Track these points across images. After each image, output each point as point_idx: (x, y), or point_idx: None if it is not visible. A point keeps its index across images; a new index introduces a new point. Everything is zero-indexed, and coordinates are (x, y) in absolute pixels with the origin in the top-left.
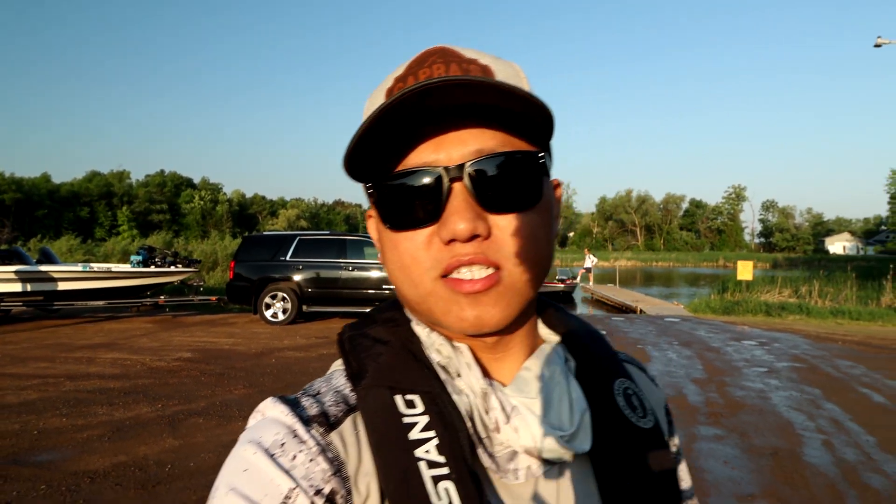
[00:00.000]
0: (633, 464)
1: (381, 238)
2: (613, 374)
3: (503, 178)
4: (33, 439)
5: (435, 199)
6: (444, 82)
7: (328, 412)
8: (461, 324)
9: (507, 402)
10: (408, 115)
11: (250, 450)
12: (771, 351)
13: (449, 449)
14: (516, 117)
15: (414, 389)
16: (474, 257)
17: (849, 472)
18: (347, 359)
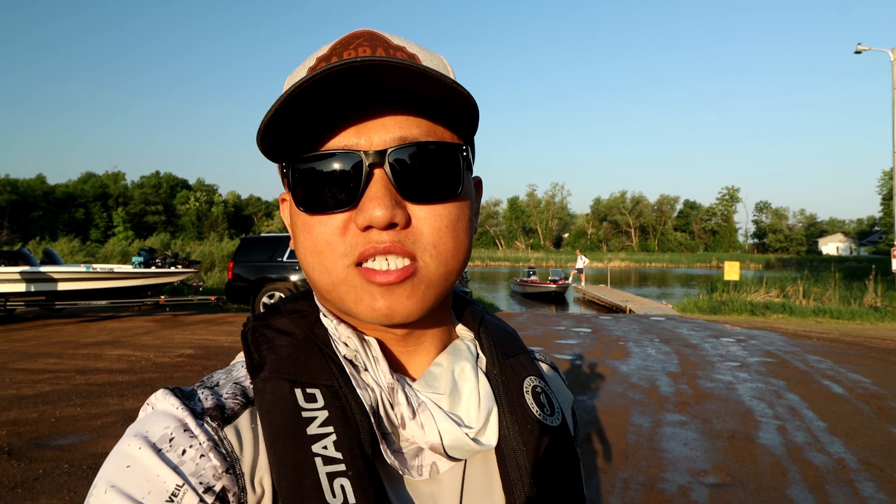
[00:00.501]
0: (538, 460)
1: (294, 222)
2: (524, 372)
3: (425, 168)
4: (52, 426)
5: (353, 184)
6: (369, 62)
7: (224, 405)
8: (372, 314)
9: (413, 398)
10: (329, 94)
11: (135, 444)
12: (746, 347)
13: (347, 445)
14: (440, 107)
15: (315, 383)
16: (390, 246)
17: (795, 451)
18: (249, 350)
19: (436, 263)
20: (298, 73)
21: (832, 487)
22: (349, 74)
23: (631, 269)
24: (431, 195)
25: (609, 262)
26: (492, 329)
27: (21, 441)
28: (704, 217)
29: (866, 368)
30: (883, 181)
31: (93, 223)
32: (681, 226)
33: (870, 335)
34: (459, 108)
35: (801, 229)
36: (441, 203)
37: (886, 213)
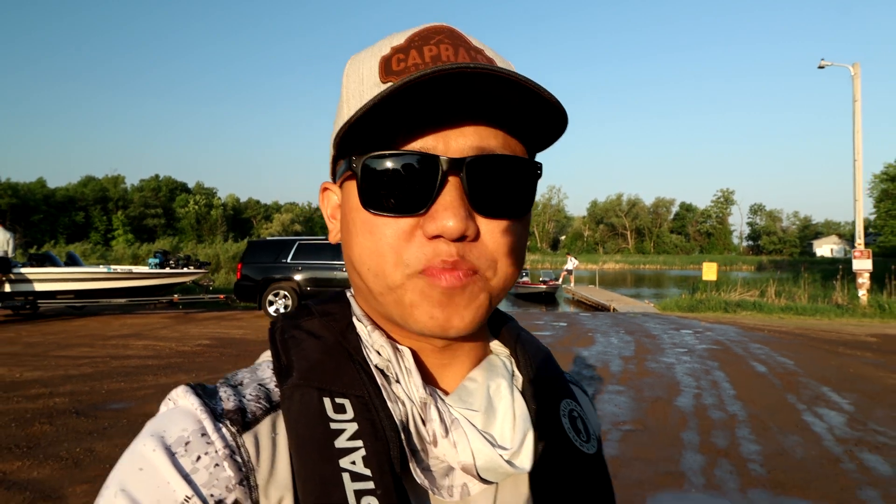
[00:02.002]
0: (573, 489)
1: (351, 218)
2: (560, 394)
3: (500, 182)
4: (103, 396)
5: (427, 189)
6: (483, 70)
7: (246, 408)
8: (430, 322)
9: (447, 414)
10: (420, 94)
11: (150, 445)
12: (700, 337)
13: (376, 461)
14: (519, 120)
15: (345, 393)
16: (458, 260)
17: (700, 410)
18: (277, 351)
19: (496, 281)
20: (367, 60)
21: (717, 431)
22: (448, 78)
23: (626, 271)
24: (503, 211)
25: (603, 264)
26: (528, 346)
27: (82, 405)
28: (700, 219)
29: (797, 354)
30: (874, 184)
31: (93, 226)
32: (677, 228)
33: (820, 328)
34: (545, 125)
35: (794, 231)
36: (510, 220)
37: (878, 216)
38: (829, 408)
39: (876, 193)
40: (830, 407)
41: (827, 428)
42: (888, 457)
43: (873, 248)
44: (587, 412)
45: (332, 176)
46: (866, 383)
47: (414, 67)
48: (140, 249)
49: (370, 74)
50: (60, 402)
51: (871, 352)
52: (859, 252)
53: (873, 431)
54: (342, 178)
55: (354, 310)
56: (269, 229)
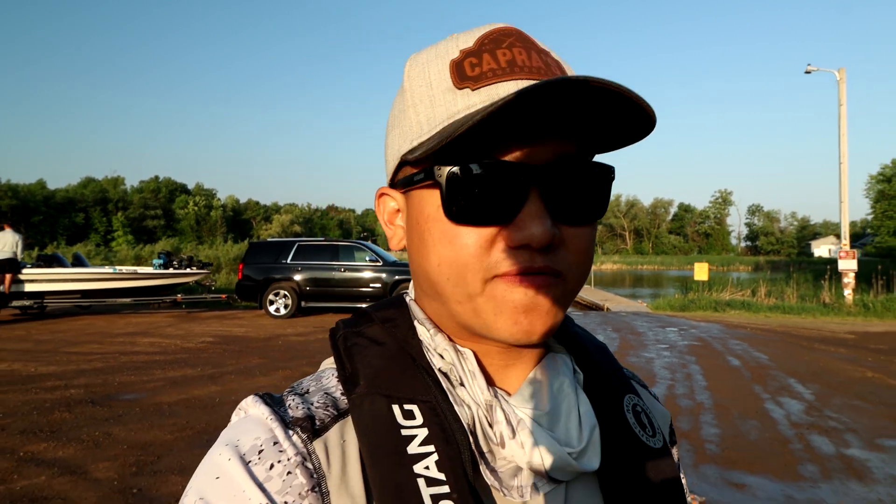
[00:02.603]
0: (643, 485)
1: (427, 227)
2: (622, 390)
3: (580, 189)
4: (116, 387)
5: (511, 199)
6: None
7: (315, 416)
8: (514, 328)
9: (512, 415)
10: (516, 105)
11: (226, 454)
12: (683, 334)
13: (450, 465)
14: (600, 129)
15: (413, 399)
16: (543, 268)
17: (670, 398)
18: (341, 359)
19: (573, 286)
20: (434, 62)
21: (682, 416)
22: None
23: (624, 272)
24: (583, 217)
25: (601, 265)
26: (586, 342)
27: (97, 396)
28: (698, 220)
29: (773, 350)
30: (870, 185)
31: (93, 228)
32: (675, 229)
33: (802, 326)
34: (625, 131)
35: (792, 232)
36: (587, 226)
37: (875, 217)
38: (790, 397)
39: (872, 194)
40: (792, 396)
41: (784, 414)
42: (834, 439)
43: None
44: (650, 405)
45: (390, 182)
46: (832, 376)
47: (491, 73)
48: (143, 250)
49: (440, 79)
50: (76, 393)
51: (845, 348)
52: (844, 252)
53: (826, 417)
54: (415, 187)
55: (415, 313)
56: (268, 230)
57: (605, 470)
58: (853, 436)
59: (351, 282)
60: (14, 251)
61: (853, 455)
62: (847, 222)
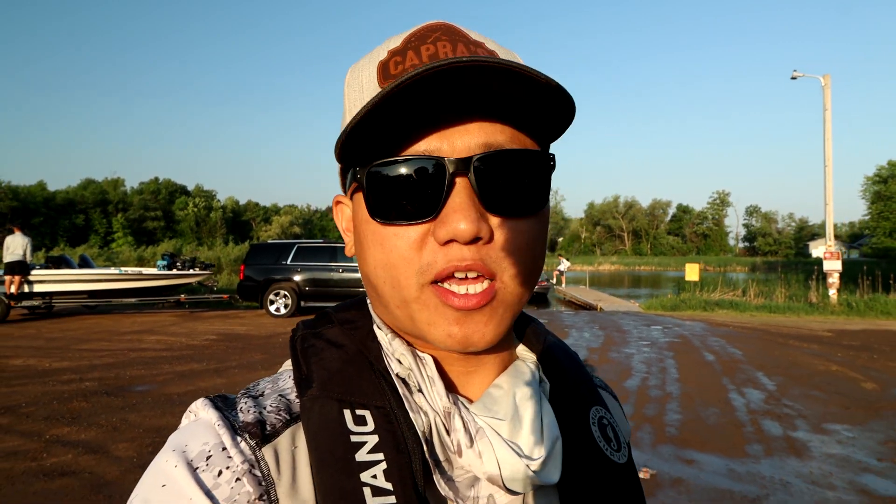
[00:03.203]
0: (603, 501)
1: (362, 230)
2: (590, 401)
3: (512, 179)
4: (128, 380)
5: (434, 193)
6: (476, 62)
7: (266, 420)
8: (447, 340)
9: (471, 424)
10: (417, 96)
11: (173, 460)
12: (666, 332)
13: (398, 475)
14: (526, 112)
15: (366, 404)
16: (472, 264)
17: (643, 389)
18: (297, 361)
19: (515, 284)
20: (366, 67)
21: (650, 405)
22: (444, 75)
23: (622, 273)
24: (517, 209)
25: (599, 265)
26: (556, 351)
27: (110, 388)
28: (696, 221)
29: (748, 346)
30: (866, 186)
31: (93, 229)
32: (674, 230)
33: (784, 325)
34: (553, 114)
35: (790, 233)
36: (525, 218)
37: (871, 218)
38: (754, 388)
39: (868, 195)
40: (756, 387)
41: (745, 403)
42: (784, 423)
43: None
44: (617, 419)
45: (342, 188)
46: (798, 369)
47: (412, 69)
48: (145, 252)
49: (369, 81)
50: (91, 385)
51: (819, 344)
52: (829, 254)
53: (782, 405)
54: (350, 190)
55: (374, 318)
56: (268, 231)
57: (565, 483)
58: (802, 421)
59: (349, 282)
60: (24, 253)
61: (797, 437)
62: (832, 224)
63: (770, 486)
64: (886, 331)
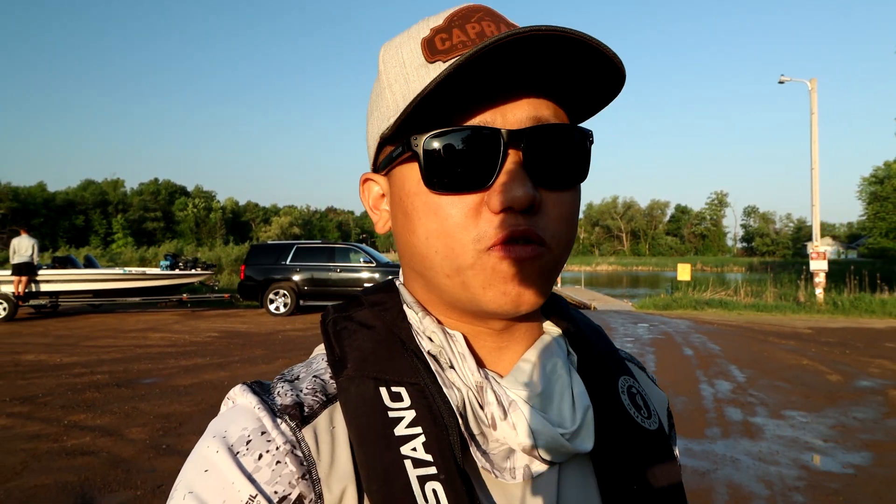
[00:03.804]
0: (638, 467)
1: (410, 202)
2: (617, 371)
3: (558, 153)
4: (136, 374)
5: (489, 163)
6: (553, 31)
7: (303, 402)
8: (502, 298)
9: (504, 397)
10: (471, 69)
11: (214, 446)
12: (651, 329)
13: (437, 447)
14: (573, 87)
15: (401, 381)
16: (527, 229)
17: None
18: (330, 343)
19: (558, 252)
20: (406, 43)
21: None
22: (508, 47)
23: (620, 273)
24: (562, 181)
25: (597, 266)
26: (580, 324)
27: (120, 380)
28: (695, 221)
29: (728, 342)
30: (863, 187)
31: (93, 230)
32: (672, 230)
33: (768, 322)
34: (598, 91)
35: (787, 233)
36: (568, 191)
37: (868, 218)
38: (725, 379)
39: (865, 196)
40: (727, 379)
41: (713, 392)
42: (745, 410)
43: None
44: (646, 388)
45: (373, 166)
46: (770, 363)
47: (461, 45)
48: (147, 252)
49: (412, 57)
50: (102, 378)
51: (797, 341)
52: (816, 254)
53: (748, 395)
54: (396, 163)
55: (404, 297)
56: (267, 232)
57: (598, 451)
58: (763, 408)
59: (346, 282)
60: (31, 255)
61: (755, 421)
62: (818, 225)
63: (720, 462)
64: (866, 328)
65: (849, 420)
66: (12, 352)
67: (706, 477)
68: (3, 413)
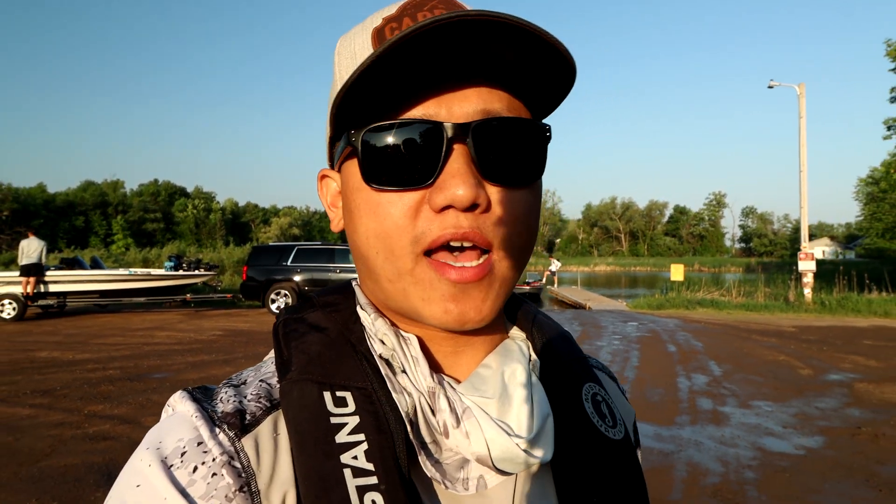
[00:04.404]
0: (600, 478)
1: (353, 199)
2: (582, 378)
3: (510, 147)
4: (146, 369)
5: (432, 159)
6: (482, 16)
7: (246, 409)
8: (444, 317)
9: (458, 403)
10: (413, 57)
11: (147, 459)
12: (640, 328)
13: (380, 455)
14: (524, 77)
15: (347, 385)
16: (469, 231)
17: None
18: (279, 346)
19: (510, 256)
20: (359, 34)
21: None
22: (440, 32)
23: (619, 273)
24: (514, 178)
25: (595, 266)
26: (546, 330)
27: (132, 375)
28: (693, 222)
29: (711, 340)
30: (859, 188)
31: (93, 231)
32: (671, 231)
33: (755, 321)
34: (552, 80)
35: (785, 233)
36: (522, 188)
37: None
38: (702, 373)
39: (862, 197)
40: (704, 373)
41: (689, 385)
42: (716, 400)
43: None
44: (614, 397)
45: (329, 161)
46: (748, 359)
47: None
48: (150, 254)
49: (363, 48)
50: (114, 373)
51: (778, 338)
52: (804, 255)
53: (722, 387)
54: (341, 159)
55: (359, 298)
56: (266, 233)
57: (558, 461)
58: (733, 399)
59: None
60: (39, 256)
61: (723, 410)
62: (806, 227)
63: (685, 445)
64: (849, 327)
65: (810, 409)
66: (26, 349)
67: (669, 457)
68: (26, 404)
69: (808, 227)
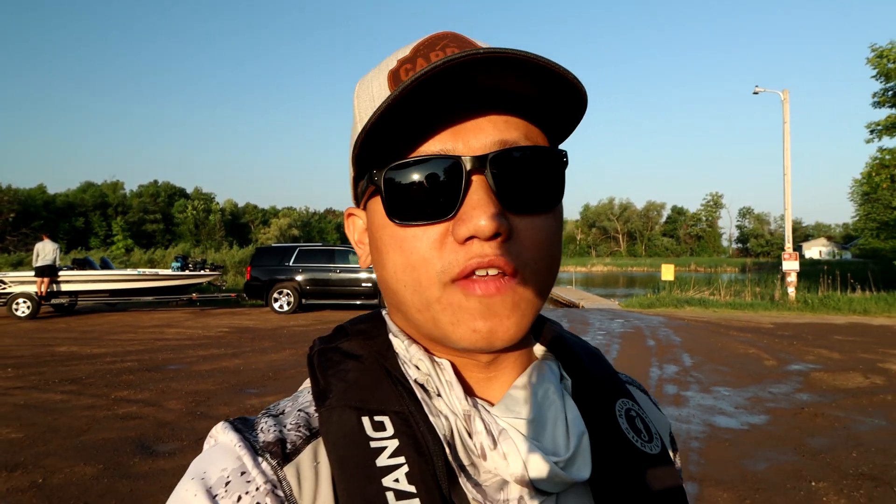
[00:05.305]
0: (639, 493)
1: (379, 236)
2: (615, 394)
3: (528, 175)
4: (161, 361)
5: (452, 192)
6: (494, 53)
7: (286, 438)
8: (472, 336)
9: (493, 425)
10: (429, 96)
11: (192, 489)
12: (625, 325)
13: (421, 477)
14: (538, 107)
15: (384, 410)
16: (494, 259)
17: None
18: (315, 375)
19: (535, 280)
20: (375, 77)
21: None
22: (453, 72)
23: (616, 273)
24: (534, 205)
25: (592, 267)
26: (575, 348)
27: (149, 366)
28: (690, 222)
29: (691, 335)
30: (854, 188)
31: (93, 232)
32: (668, 231)
33: (737, 319)
34: (564, 108)
35: (781, 234)
36: (542, 214)
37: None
38: (674, 364)
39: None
40: (676, 364)
41: (660, 374)
42: (681, 386)
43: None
44: (648, 411)
45: (354, 200)
46: (720, 352)
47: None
48: (154, 254)
49: (380, 90)
50: (132, 365)
51: (754, 334)
52: (788, 255)
53: (690, 376)
54: (366, 197)
55: (390, 326)
56: (266, 234)
57: (597, 479)
58: (697, 385)
59: (345, 282)
60: (54, 258)
61: (684, 394)
62: (790, 228)
63: None
64: (825, 324)
65: (764, 394)
66: (45, 345)
67: None
68: (57, 391)
69: (805, 228)
